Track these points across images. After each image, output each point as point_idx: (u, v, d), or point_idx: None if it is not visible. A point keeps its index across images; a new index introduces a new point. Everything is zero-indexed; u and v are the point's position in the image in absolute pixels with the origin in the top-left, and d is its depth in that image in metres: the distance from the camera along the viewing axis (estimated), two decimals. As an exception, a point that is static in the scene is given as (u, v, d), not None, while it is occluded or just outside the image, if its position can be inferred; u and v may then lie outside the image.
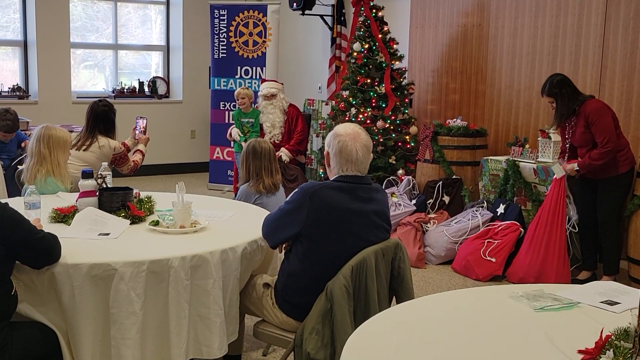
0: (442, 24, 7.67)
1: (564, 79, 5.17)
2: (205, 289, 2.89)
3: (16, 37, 8.98)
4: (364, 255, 2.83)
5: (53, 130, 4.12)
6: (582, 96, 5.14)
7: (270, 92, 7.22)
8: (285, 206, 2.94)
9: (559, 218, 5.13)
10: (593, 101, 5.09)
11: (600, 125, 4.97)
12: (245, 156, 4.30)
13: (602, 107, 5.06)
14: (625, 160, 5.07)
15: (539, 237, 5.18)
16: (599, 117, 4.98)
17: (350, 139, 2.90)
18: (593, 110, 5.00)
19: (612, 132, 4.97)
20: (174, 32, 10.03)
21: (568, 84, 5.14)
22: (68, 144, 4.21)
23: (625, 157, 5.08)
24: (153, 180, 9.26)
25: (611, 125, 4.99)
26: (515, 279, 5.29)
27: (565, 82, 5.14)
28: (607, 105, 5.19)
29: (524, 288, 2.52)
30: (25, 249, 2.59)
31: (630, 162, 5.10)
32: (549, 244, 5.13)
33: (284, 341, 3.09)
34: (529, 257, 5.21)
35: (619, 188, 5.13)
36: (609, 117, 5.01)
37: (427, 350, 1.99)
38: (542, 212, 5.22)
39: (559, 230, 5.14)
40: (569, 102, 5.10)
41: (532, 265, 5.18)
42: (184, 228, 3.21)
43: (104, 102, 4.97)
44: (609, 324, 2.02)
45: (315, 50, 9.44)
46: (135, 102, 9.62)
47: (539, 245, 5.17)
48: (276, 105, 7.21)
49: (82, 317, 2.70)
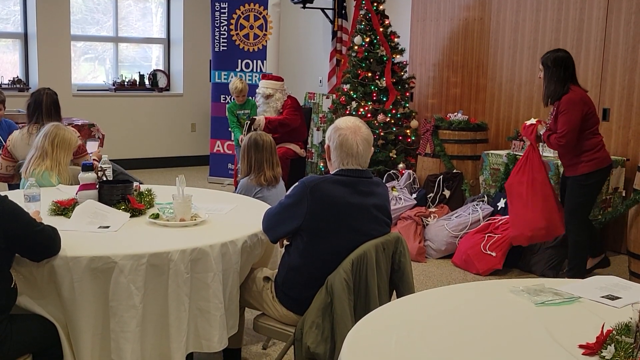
0: (443, 18, 7.65)
1: (564, 59, 4.88)
2: (205, 282, 2.88)
3: (16, 30, 8.96)
4: (365, 249, 2.83)
5: (61, 130, 4.18)
6: (569, 84, 4.85)
7: (267, 93, 7.21)
8: (286, 200, 2.94)
9: (542, 169, 5.10)
10: (575, 93, 4.84)
11: (565, 118, 4.77)
12: (247, 149, 4.29)
13: (576, 101, 4.79)
14: (589, 162, 4.85)
15: (534, 194, 5.08)
16: (568, 109, 4.78)
17: (351, 132, 2.89)
18: (566, 100, 4.80)
19: (573, 128, 4.75)
20: (174, 25, 10.01)
21: (565, 66, 4.85)
22: (73, 146, 4.25)
23: (590, 159, 4.85)
24: (153, 173, 9.26)
25: (576, 122, 4.76)
26: (524, 241, 5.21)
27: (564, 62, 4.86)
28: (587, 102, 4.86)
29: (524, 283, 2.52)
30: (24, 241, 2.58)
31: (596, 164, 4.86)
32: (547, 197, 5.05)
33: (284, 335, 3.09)
34: (530, 215, 5.08)
35: (581, 189, 4.91)
36: (578, 114, 4.76)
37: (428, 345, 1.98)
38: (525, 170, 5.11)
39: (547, 180, 5.11)
40: (556, 83, 4.85)
41: (537, 220, 5.06)
42: (184, 221, 3.21)
43: (49, 90, 5.00)
44: (610, 319, 2.01)
45: (316, 43, 9.43)
46: (135, 95, 9.61)
47: (537, 200, 5.06)
48: (271, 105, 7.19)
49: (81, 310, 2.70)
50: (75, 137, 4.32)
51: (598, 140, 4.93)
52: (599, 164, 4.89)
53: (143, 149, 9.66)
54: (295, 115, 7.19)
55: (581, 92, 4.88)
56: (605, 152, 4.98)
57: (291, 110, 7.17)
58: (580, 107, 4.79)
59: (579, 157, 4.87)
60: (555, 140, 4.83)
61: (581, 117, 4.78)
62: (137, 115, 9.57)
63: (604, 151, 4.97)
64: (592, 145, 4.87)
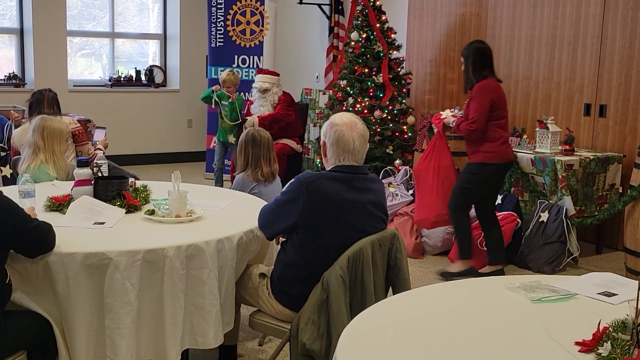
0: (440, 14, 7.64)
1: (481, 49, 4.97)
2: (201, 278, 2.88)
3: (12, 25, 8.93)
4: (361, 246, 2.82)
5: (49, 122, 4.18)
6: (486, 74, 4.91)
7: (263, 87, 7.18)
8: (282, 197, 2.93)
9: (448, 156, 5.23)
10: (487, 81, 4.89)
11: (475, 104, 4.84)
12: (244, 145, 4.29)
13: (487, 89, 4.85)
14: (486, 153, 4.89)
15: (440, 180, 5.20)
16: (479, 96, 4.85)
17: (347, 128, 2.88)
18: (477, 87, 4.87)
19: (482, 114, 4.80)
20: (171, 20, 9.99)
21: (482, 55, 4.94)
22: (64, 135, 4.26)
23: (488, 150, 4.89)
24: (149, 169, 9.24)
25: (484, 108, 4.81)
26: (428, 225, 5.37)
27: (480, 52, 4.95)
28: (498, 92, 4.90)
29: (521, 279, 2.51)
30: (19, 237, 2.57)
31: (492, 157, 4.89)
32: (452, 183, 5.14)
33: (279, 331, 3.08)
34: (435, 200, 5.21)
35: (470, 176, 4.98)
36: (487, 100, 4.82)
37: (424, 341, 1.98)
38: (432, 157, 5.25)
39: (452, 167, 5.24)
40: (473, 72, 4.91)
41: (441, 205, 5.17)
42: (179, 217, 3.20)
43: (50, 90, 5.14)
44: (607, 316, 2.01)
45: (313, 39, 9.41)
46: (132, 91, 9.59)
47: (442, 186, 5.18)
48: (268, 99, 7.17)
49: (76, 306, 2.69)
50: (65, 124, 4.34)
51: (501, 134, 4.94)
52: (494, 158, 4.92)
53: (139, 145, 9.64)
54: (288, 111, 7.16)
55: (495, 82, 4.94)
56: (506, 150, 4.99)
57: (284, 106, 7.14)
58: (490, 95, 4.86)
59: (479, 147, 4.93)
60: (466, 126, 4.90)
61: (489, 104, 4.84)
62: (133, 111, 9.55)
63: (506, 148, 4.98)
64: (494, 138, 4.91)
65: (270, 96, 7.16)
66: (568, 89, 6.36)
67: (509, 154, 5.03)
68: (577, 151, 5.79)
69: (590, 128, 6.19)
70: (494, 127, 4.89)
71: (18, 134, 4.93)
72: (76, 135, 4.96)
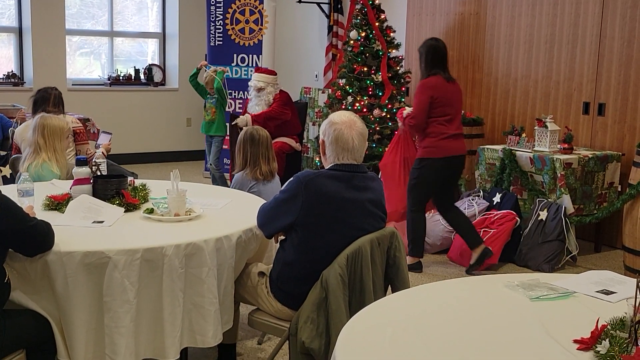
0: (439, 12, 7.64)
1: (434, 47, 5.10)
2: (200, 277, 2.88)
3: (11, 24, 8.93)
4: (360, 244, 2.82)
5: (48, 120, 4.19)
6: (436, 71, 5.05)
7: (258, 86, 7.19)
8: (281, 195, 2.93)
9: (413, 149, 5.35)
10: (431, 79, 5.04)
11: (415, 101, 5.07)
12: (243, 143, 4.28)
13: (427, 87, 5.02)
14: (425, 148, 5.04)
15: (406, 173, 5.34)
16: (419, 93, 5.05)
17: (346, 127, 2.88)
18: (419, 84, 5.09)
19: (420, 111, 4.97)
20: (170, 19, 9.98)
21: (436, 54, 5.08)
22: (65, 132, 4.26)
23: (427, 145, 5.03)
24: (148, 168, 9.24)
25: (423, 104, 4.97)
26: (397, 217, 5.41)
27: (433, 50, 5.10)
28: (440, 89, 5.01)
29: (519, 277, 2.52)
30: (17, 236, 2.57)
31: (430, 152, 5.02)
32: None
33: (278, 330, 3.08)
34: (402, 192, 5.31)
35: (414, 171, 5.14)
36: (426, 97, 4.97)
37: (422, 340, 1.98)
38: (397, 151, 5.44)
39: None
40: (424, 69, 5.09)
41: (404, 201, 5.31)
42: (178, 216, 3.20)
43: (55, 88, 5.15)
44: (605, 314, 2.01)
45: (312, 38, 9.41)
46: (131, 90, 9.59)
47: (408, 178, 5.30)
48: (263, 98, 7.17)
49: (75, 305, 2.69)
50: (65, 122, 4.35)
51: (442, 130, 5.01)
52: (432, 153, 5.02)
53: (138, 144, 9.64)
54: (283, 109, 7.14)
55: (437, 79, 5.04)
56: (447, 145, 5.03)
57: (279, 104, 7.14)
58: (430, 92, 5.00)
59: (421, 142, 5.10)
60: (407, 121, 5.08)
61: (429, 101, 4.97)
62: (132, 110, 9.54)
63: (447, 143, 5.03)
64: (433, 134, 5.02)
65: (264, 95, 7.16)
66: (567, 87, 6.36)
67: (452, 149, 5.07)
68: (576, 150, 5.80)
69: (589, 126, 6.19)
70: (435, 123, 5.01)
71: (20, 130, 4.93)
72: (77, 133, 4.96)
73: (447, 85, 5.07)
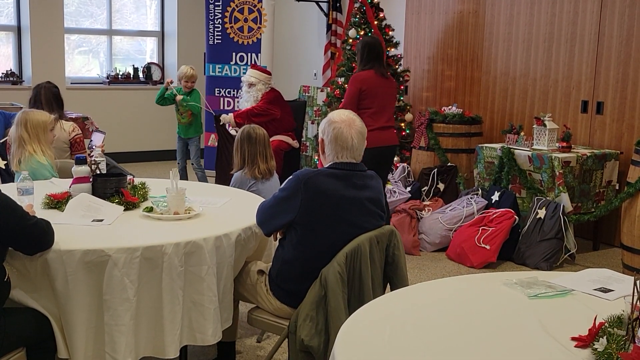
0: (438, 11, 7.64)
1: (369, 43, 5.37)
2: (199, 275, 2.88)
3: (10, 22, 8.92)
4: (359, 242, 2.83)
5: (31, 114, 4.22)
6: (370, 66, 5.29)
7: (249, 81, 7.18)
8: (280, 193, 2.93)
9: None
10: (362, 73, 5.30)
11: (346, 93, 5.37)
12: (240, 142, 4.28)
13: (356, 80, 5.28)
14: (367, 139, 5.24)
15: None
16: (349, 84, 5.37)
17: (346, 125, 2.89)
18: (351, 78, 5.38)
19: (349, 103, 5.16)
20: (168, 17, 9.98)
21: (371, 50, 5.34)
22: (48, 125, 4.26)
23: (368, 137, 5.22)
24: (147, 166, 9.24)
25: (352, 97, 5.22)
26: None
27: (368, 46, 5.35)
28: (368, 82, 5.26)
29: (518, 275, 2.53)
30: (17, 235, 2.57)
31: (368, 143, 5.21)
32: None
33: (278, 328, 3.09)
34: None
35: None
36: (355, 90, 5.24)
37: (421, 337, 1.99)
38: None
39: None
40: (359, 64, 5.38)
41: None
42: (177, 214, 3.20)
43: (48, 83, 5.09)
44: (603, 312, 2.02)
45: (311, 36, 9.41)
46: (129, 88, 9.58)
47: None
48: (252, 94, 7.16)
49: (75, 303, 2.69)
50: (47, 115, 4.33)
51: (369, 123, 5.00)
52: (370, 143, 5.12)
53: (137, 142, 9.63)
54: (268, 106, 7.07)
55: (368, 73, 5.30)
56: (375, 136, 5.07)
57: (264, 101, 7.09)
58: (357, 85, 5.26)
59: None
60: None
61: (358, 93, 5.23)
62: (131, 108, 9.54)
63: (375, 135, 5.08)
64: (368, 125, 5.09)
65: (254, 91, 7.14)
66: (565, 86, 6.37)
67: (381, 140, 5.28)
68: (574, 148, 5.80)
69: (588, 125, 6.20)
70: (365, 115, 5.04)
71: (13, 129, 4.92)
72: (76, 143, 4.91)
73: (379, 79, 5.32)
